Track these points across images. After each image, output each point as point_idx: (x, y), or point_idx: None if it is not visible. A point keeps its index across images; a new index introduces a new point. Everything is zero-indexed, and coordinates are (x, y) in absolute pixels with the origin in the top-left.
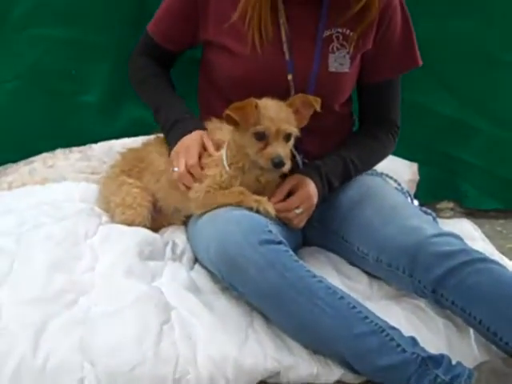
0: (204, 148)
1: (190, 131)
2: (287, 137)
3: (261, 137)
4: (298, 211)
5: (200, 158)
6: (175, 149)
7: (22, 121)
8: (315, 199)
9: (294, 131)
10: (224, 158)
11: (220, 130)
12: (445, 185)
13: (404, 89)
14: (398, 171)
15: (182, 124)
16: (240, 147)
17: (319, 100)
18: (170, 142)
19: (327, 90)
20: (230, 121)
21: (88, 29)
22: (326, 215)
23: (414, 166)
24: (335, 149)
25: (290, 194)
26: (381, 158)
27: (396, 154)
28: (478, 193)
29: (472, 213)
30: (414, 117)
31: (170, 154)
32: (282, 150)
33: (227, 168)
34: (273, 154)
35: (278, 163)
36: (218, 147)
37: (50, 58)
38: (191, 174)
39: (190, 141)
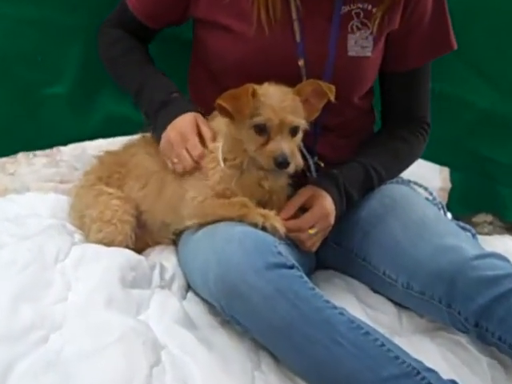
0: (199, 135)
1: (182, 113)
2: (293, 130)
3: (261, 130)
4: (312, 232)
5: None
6: (166, 137)
7: None
8: (332, 217)
9: (302, 124)
10: (219, 151)
11: (215, 119)
12: (481, 193)
13: (432, 78)
14: (425, 177)
15: (172, 106)
16: (237, 142)
17: (333, 88)
18: (158, 129)
19: (346, 79)
20: (223, 112)
21: (57, 7)
22: (343, 232)
23: (445, 172)
24: (354, 154)
25: (302, 208)
26: (408, 163)
27: (423, 156)
28: None
29: None
30: (445, 111)
31: (158, 140)
32: (287, 145)
33: (222, 164)
34: (275, 152)
35: (281, 162)
36: (214, 136)
37: (10, 42)
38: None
39: (185, 125)
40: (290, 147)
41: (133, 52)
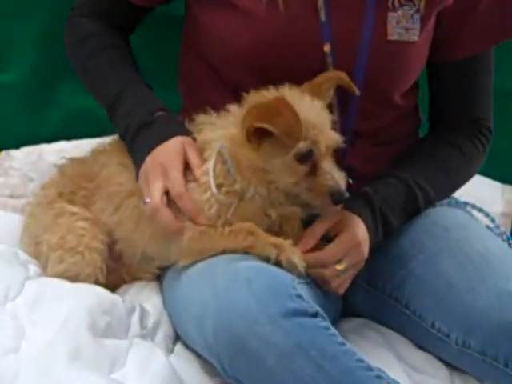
0: (186, 165)
1: (166, 139)
2: (335, 151)
3: (305, 157)
4: (340, 268)
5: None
6: (145, 168)
7: None
8: (366, 249)
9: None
10: (211, 175)
11: (212, 127)
12: None
13: (495, 71)
14: (483, 199)
15: (155, 127)
16: (260, 172)
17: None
18: (136, 156)
19: (384, 70)
20: (255, 136)
21: None
22: (379, 270)
23: (509, 191)
24: (392, 167)
25: (325, 237)
26: (464, 179)
27: (481, 172)
28: None
29: None
30: (509, 114)
31: (136, 176)
32: (338, 175)
33: (214, 190)
34: (332, 186)
35: (339, 198)
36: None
37: None
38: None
39: (168, 155)
40: (340, 175)
41: (108, 52)
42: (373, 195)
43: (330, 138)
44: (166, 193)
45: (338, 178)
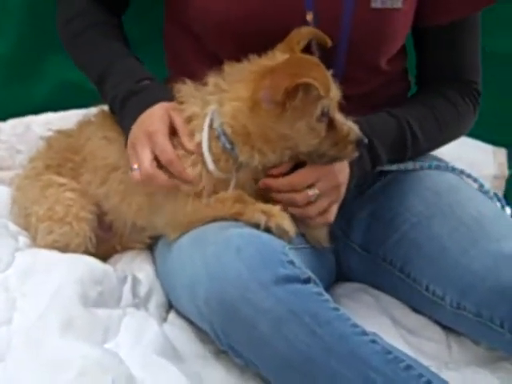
0: (172, 130)
1: (151, 105)
2: None
3: (323, 115)
4: (311, 193)
5: None
6: (132, 136)
7: None
8: (344, 175)
9: None
10: (206, 151)
11: (197, 100)
12: None
13: (482, 34)
14: (475, 162)
15: (142, 96)
16: (276, 140)
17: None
18: (124, 124)
19: (370, 38)
20: (284, 98)
21: None
22: (373, 234)
23: (501, 154)
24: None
25: None
26: (454, 132)
27: (471, 135)
28: None
29: None
30: (499, 77)
31: (125, 144)
32: (350, 123)
33: (211, 166)
34: (354, 135)
35: (362, 144)
36: (191, 132)
37: None
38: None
39: (152, 120)
40: (352, 123)
41: (97, 28)
42: (363, 123)
43: (337, 92)
44: (155, 158)
45: (354, 126)
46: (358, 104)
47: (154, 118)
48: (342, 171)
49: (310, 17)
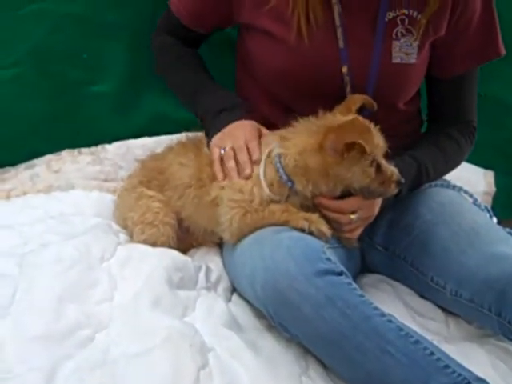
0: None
1: (244, 119)
2: None
3: (373, 161)
4: (353, 216)
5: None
6: (225, 130)
7: (22, 115)
8: (377, 207)
9: None
10: (261, 175)
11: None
12: None
13: (479, 82)
14: (470, 181)
15: (231, 112)
16: (332, 177)
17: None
18: (212, 132)
19: (390, 85)
20: (343, 151)
21: (102, 4)
22: (391, 237)
23: (490, 175)
24: (407, 148)
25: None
26: (455, 164)
27: (468, 160)
28: None
29: None
30: (490, 115)
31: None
32: (393, 167)
33: (266, 189)
34: (397, 176)
35: (401, 184)
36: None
37: (55, 40)
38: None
39: (247, 126)
40: (394, 168)
41: (186, 57)
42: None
43: (383, 143)
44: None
45: (395, 169)
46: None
47: (249, 125)
48: (378, 204)
49: (345, 69)
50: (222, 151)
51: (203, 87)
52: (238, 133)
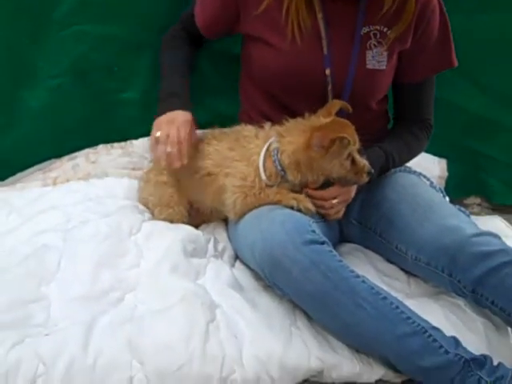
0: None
1: (185, 109)
2: None
3: (348, 155)
4: (334, 201)
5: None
6: (161, 118)
7: (65, 116)
8: (353, 192)
9: None
10: (261, 166)
11: (255, 139)
12: (472, 180)
13: (436, 87)
14: (427, 167)
15: (178, 99)
16: (317, 169)
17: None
18: (160, 112)
19: (365, 87)
20: (330, 145)
21: (131, 26)
22: (363, 213)
23: (443, 163)
24: (377, 140)
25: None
26: (415, 155)
27: (426, 150)
28: (505, 188)
29: (499, 208)
30: (442, 113)
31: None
32: (365, 160)
33: (264, 177)
34: (368, 168)
35: (371, 174)
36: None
37: (93, 55)
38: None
39: (180, 118)
40: (365, 160)
41: (179, 52)
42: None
43: (358, 141)
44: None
45: (366, 162)
46: (357, 133)
47: (183, 117)
48: (353, 189)
49: (328, 71)
50: (158, 134)
51: (166, 74)
52: (174, 124)
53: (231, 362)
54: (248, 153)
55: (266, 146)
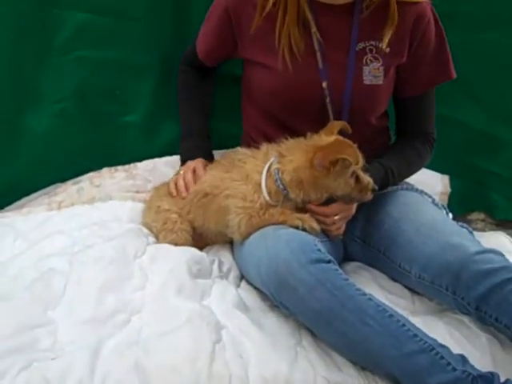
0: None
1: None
2: None
3: (353, 173)
4: (336, 218)
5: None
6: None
7: (68, 141)
8: (354, 208)
9: None
10: (263, 184)
11: (252, 159)
12: (475, 196)
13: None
14: (430, 184)
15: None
16: (320, 187)
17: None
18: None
19: (364, 102)
20: (331, 165)
21: (132, 50)
22: (366, 231)
23: (446, 179)
24: (377, 156)
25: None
26: (417, 169)
27: (428, 166)
28: (509, 204)
29: (503, 223)
30: (444, 130)
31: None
32: (369, 178)
33: (267, 196)
34: (372, 185)
35: (374, 191)
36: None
37: (95, 80)
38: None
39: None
40: (369, 178)
41: (195, 98)
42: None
43: (361, 159)
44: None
45: (370, 179)
46: (358, 149)
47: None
48: (354, 206)
49: (324, 84)
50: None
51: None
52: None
53: (237, 382)
54: (245, 172)
55: (266, 167)
